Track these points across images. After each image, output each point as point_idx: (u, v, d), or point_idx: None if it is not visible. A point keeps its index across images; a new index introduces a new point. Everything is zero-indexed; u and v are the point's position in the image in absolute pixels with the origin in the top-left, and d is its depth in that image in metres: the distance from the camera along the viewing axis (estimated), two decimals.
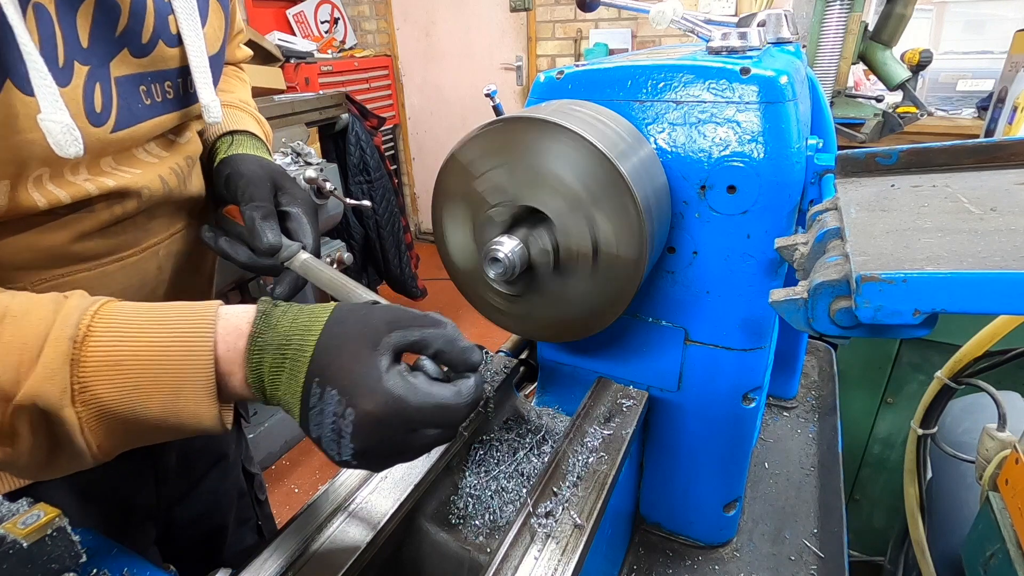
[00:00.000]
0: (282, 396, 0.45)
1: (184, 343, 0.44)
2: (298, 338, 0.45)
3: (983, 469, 0.62)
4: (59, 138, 0.47)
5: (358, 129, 3.39)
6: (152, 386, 0.43)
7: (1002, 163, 0.47)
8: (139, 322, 0.44)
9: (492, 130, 0.53)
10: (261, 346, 0.45)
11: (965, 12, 3.05)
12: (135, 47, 0.56)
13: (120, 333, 0.43)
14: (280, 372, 0.44)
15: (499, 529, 0.60)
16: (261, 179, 0.68)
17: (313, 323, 0.45)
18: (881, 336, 0.37)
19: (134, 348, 0.43)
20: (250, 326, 0.45)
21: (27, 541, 0.32)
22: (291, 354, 0.44)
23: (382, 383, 0.42)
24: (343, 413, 0.42)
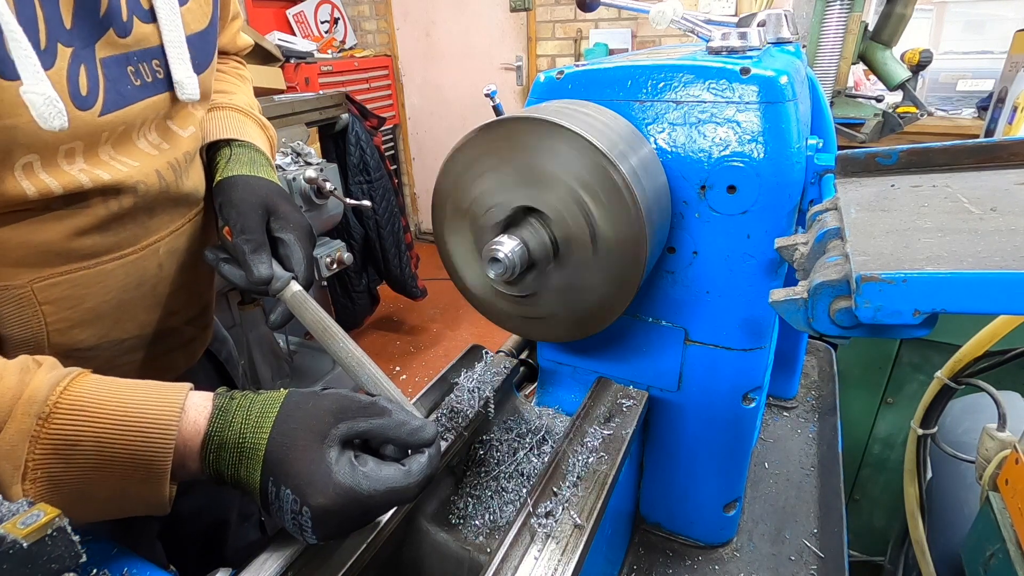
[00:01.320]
0: (244, 486, 0.47)
1: (146, 437, 0.44)
2: (251, 435, 0.46)
3: (983, 469, 0.62)
4: (42, 110, 0.46)
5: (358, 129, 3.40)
6: (107, 471, 0.43)
7: (1002, 163, 0.47)
8: (105, 404, 0.44)
9: (492, 130, 0.53)
10: (218, 444, 0.46)
11: (965, 12, 3.05)
12: (120, 27, 0.55)
13: (84, 414, 0.43)
14: (238, 468, 0.46)
15: (499, 529, 0.60)
16: (252, 207, 0.67)
17: (264, 419, 0.47)
18: (881, 336, 0.37)
19: (96, 431, 0.43)
20: (207, 424, 0.47)
21: (27, 541, 0.32)
22: (246, 453, 0.46)
23: (332, 477, 0.44)
24: (299, 511, 0.44)
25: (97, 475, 0.43)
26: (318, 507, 0.43)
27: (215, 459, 0.46)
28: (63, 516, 0.34)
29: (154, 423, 0.44)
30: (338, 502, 0.43)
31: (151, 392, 0.46)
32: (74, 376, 0.44)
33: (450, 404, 0.65)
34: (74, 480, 0.42)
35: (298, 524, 0.44)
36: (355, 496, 0.44)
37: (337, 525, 0.45)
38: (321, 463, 0.44)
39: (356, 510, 0.44)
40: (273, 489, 0.45)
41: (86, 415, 0.43)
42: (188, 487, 0.80)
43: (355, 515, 0.45)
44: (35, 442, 0.41)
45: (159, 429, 0.44)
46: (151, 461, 0.44)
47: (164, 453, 0.44)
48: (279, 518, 0.46)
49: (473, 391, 0.65)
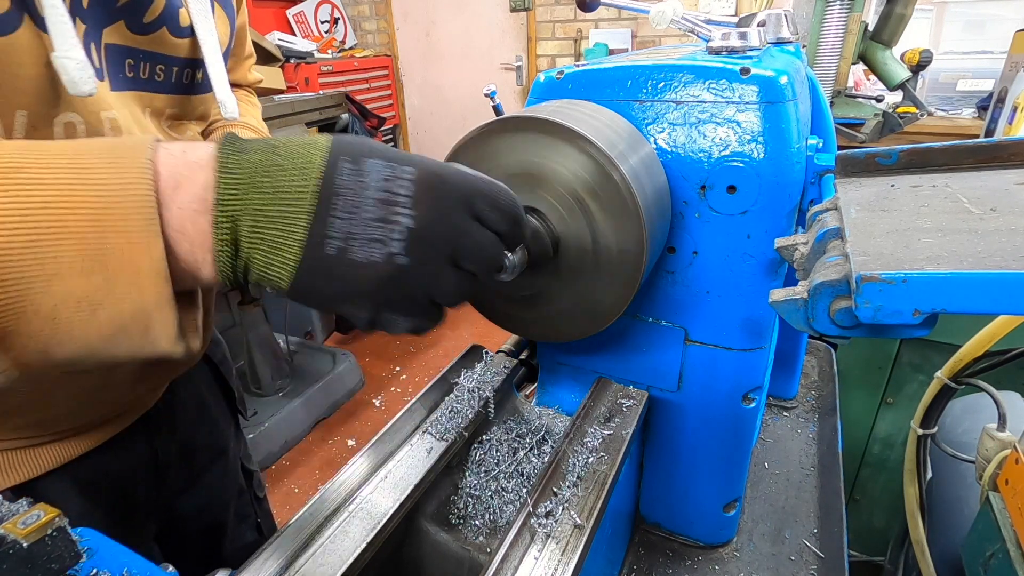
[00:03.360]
0: (276, 199, 0.33)
1: (111, 147, 0.33)
2: (300, 140, 0.35)
3: (983, 469, 0.62)
4: (74, 75, 0.46)
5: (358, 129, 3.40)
6: (64, 202, 0.30)
7: (1002, 163, 0.47)
8: (59, 143, 0.33)
9: (492, 130, 0.53)
10: (240, 148, 0.34)
11: (965, 12, 3.05)
12: (133, 23, 0.56)
13: (31, 144, 0.33)
14: (276, 171, 0.33)
15: (499, 529, 0.60)
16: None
17: (317, 136, 0.36)
18: (881, 336, 0.37)
19: (44, 156, 0.31)
20: (214, 145, 0.35)
21: (27, 541, 0.32)
22: (295, 148, 0.34)
23: (429, 158, 0.36)
24: (396, 174, 0.34)
25: (55, 213, 0.30)
26: (425, 171, 0.35)
27: (236, 163, 0.33)
28: (63, 516, 0.34)
29: (123, 141, 0.34)
30: (446, 168, 0.36)
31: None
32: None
33: (450, 404, 0.65)
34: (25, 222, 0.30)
35: (387, 197, 0.34)
36: (462, 172, 0.37)
37: (439, 208, 0.35)
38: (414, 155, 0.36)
39: (464, 187, 0.36)
40: (349, 166, 0.34)
41: (32, 145, 0.33)
42: (185, 488, 0.82)
43: (458, 202, 0.36)
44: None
45: (131, 141, 0.33)
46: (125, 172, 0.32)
47: (140, 157, 0.32)
48: (348, 212, 0.33)
49: (473, 391, 0.65)
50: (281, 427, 2.41)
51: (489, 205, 0.38)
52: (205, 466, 0.84)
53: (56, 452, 0.61)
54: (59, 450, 0.61)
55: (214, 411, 0.86)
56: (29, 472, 0.59)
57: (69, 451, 0.62)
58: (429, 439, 0.61)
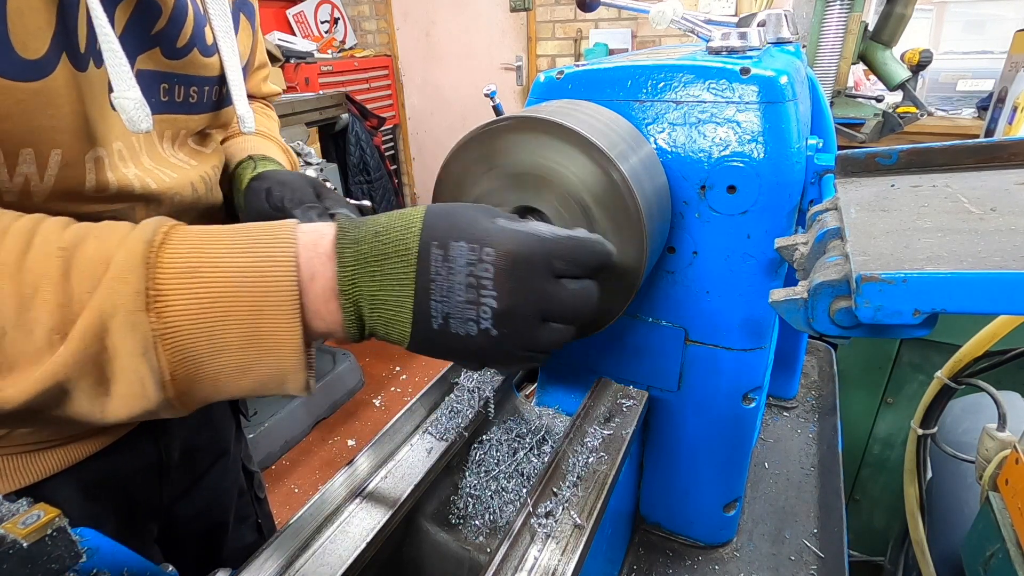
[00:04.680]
0: (387, 285, 0.40)
1: (264, 244, 0.40)
2: (399, 222, 0.40)
3: (983, 469, 0.62)
4: (132, 114, 0.48)
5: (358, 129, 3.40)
6: (229, 298, 0.38)
7: (1002, 163, 0.47)
8: (216, 232, 0.41)
9: (492, 130, 0.53)
10: (353, 239, 0.41)
11: (965, 12, 3.05)
12: (167, 48, 0.57)
13: (198, 241, 0.40)
14: (383, 260, 0.40)
15: (499, 529, 0.60)
16: (304, 185, 0.69)
17: (412, 212, 0.41)
18: (881, 336, 0.37)
19: (212, 253, 0.39)
20: (334, 227, 0.42)
21: (27, 541, 0.32)
22: (395, 235, 0.40)
23: (509, 226, 0.40)
24: (479, 257, 0.38)
25: (224, 306, 0.38)
26: (503, 250, 0.38)
27: (352, 255, 0.40)
28: (63, 516, 0.34)
29: (272, 233, 0.40)
30: (523, 246, 0.39)
31: (259, 223, 0.42)
32: (177, 222, 0.42)
33: (450, 404, 0.65)
34: (202, 314, 0.38)
35: (474, 281, 0.38)
36: (540, 238, 0.40)
37: (520, 285, 0.39)
38: (491, 220, 0.40)
39: (542, 259, 0.40)
40: (439, 252, 0.39)
41: (199, 242, 0.40)
42: (187, 490, 0.82)
43: (541, 270, 0.40)
44: (151, 268, 0.37)
45: (278, 234, 0.40)
46: (275, 269, 0.39)
47: (286, 255, 0.39)
48: (443, 296, 0.39)
49: (473, 391, 0.65)
50: (281, 427, 2.41)
51: (568, 263, 0.41)
52: (207, 467, 0.84)
53: (61, 456, 0.61)
54: (64, 454, 0.61)
55: (216, 413, 0.86)
56: (34, 476, 0.59)
57: (74, 455, 0.62)
58: (429, 439, 0.61)
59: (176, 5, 0.56)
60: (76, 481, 0.63)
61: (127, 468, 0.68)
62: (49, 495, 0.60)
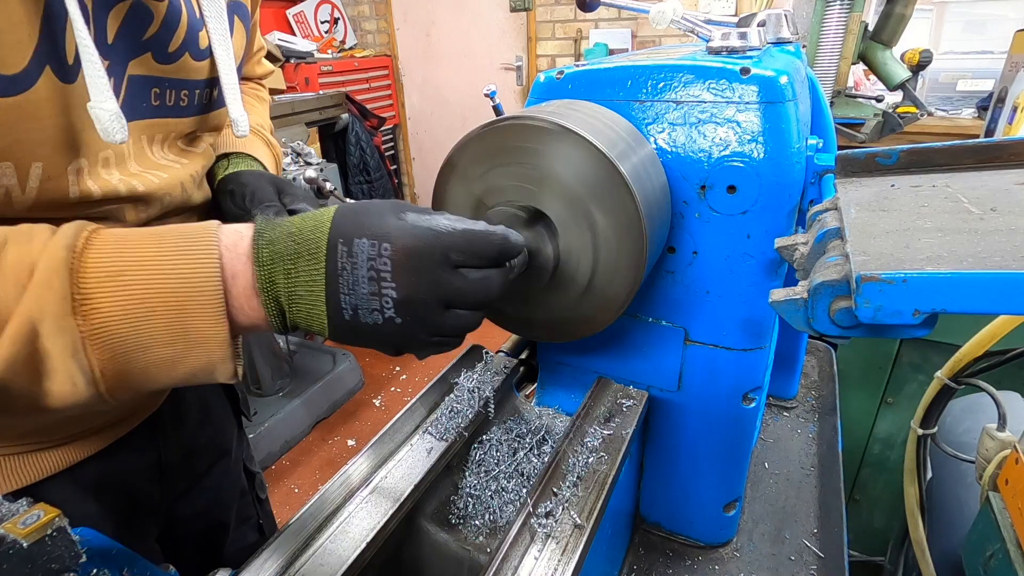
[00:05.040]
0: (300, 281, 0.42)
1: (187, 246, 0.42)
2: (311, 222, 0.43)
3: (983, 469, 0.62)
4: (107, 125, 0.48)
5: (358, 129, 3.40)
6: (156, 298, 0.40)
7: (1002, 163, 0.47)
8: (138, 236, 0.42)
9: (492, 130, 0.53)
10: (269, 239, 0.43)
11: (965, 12, 3.05)
12: (160, 53, 0.57)
13: (120, 245, 0.41)
14: (296, 258, 0.42)
15: (499, 529, 0.60)
16: (264, 184, 0.71)
17: (323, 212, 0.44)
18: (881, 336, 0.37)
19: (136, 257, 0.40)
20: (251, 228, 0.44)
21: (27, 541, 0.32)
22: (306, 235, 0.42)
23: (409, 222, 0.42)
24: (379, 252, 0.41)
25: (150, 307, 0.40)
26: (399, 245, 0.41)
27: (268, 256, 0.42)
28: (63, 516, 0.34)
29: (193, 236, 0.42)
30: (419, 241, 0.41)
31: (180, 225, 0.44)
32: (99, 226, 0.43)
33: (450, 404, 0.65)
34: (126, 315, 0.40)
35: (375, 275, 0.41)
36: (435, 232, 0.42)
37: (418, 276, 0.42)
38: (396, 216, 0.43)
39: (438, 252, 0.42)
40: (344, 248, 0.42)
41: (122, 245, 0.41)
42: (187, 490, 0.82)
43: (437, 262, 0.42)
44: (75, 273, 0.38)
45: (199, 237, 0.42)
46: (199, 272, 0.41)
47: (209, 257, 0.41)
48: (350, 289, 0.42)
49: (473, 391, 0.65)
50: (281, 427, 2.41)
51: (464, 254, 0.44)
52: (208, 468, 0.84)
53: (61, 456, 0.61)
54: (64, 454, 0.61)
55: (217, 413, 0.86)
56: (33, 476, 0.59)
57: (74, 455, 0.62)
58: (429, 439, 0.61)
59: (169, 10, 0.56)
60: (76, 481, 0.62)
61: (126, 468, 0.68)
62: (49, 495, 0.60)
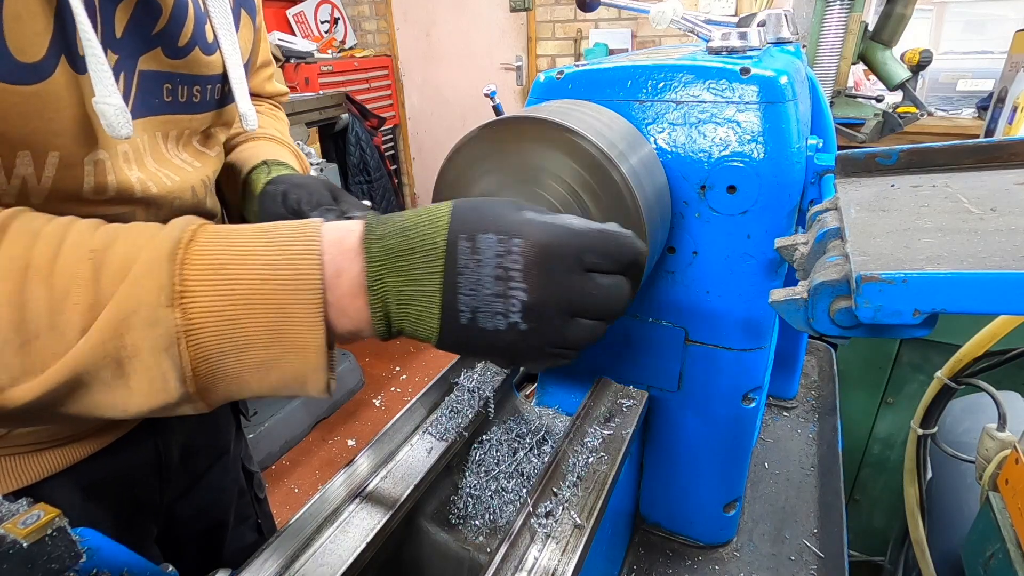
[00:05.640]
0: (414, 279, 0.39)
1: (289, 240, 0.40)
2: (425, 216, 0.40)
3: (983, 469, 0.62)
4: (112, 120, 0.47)
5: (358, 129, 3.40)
6: (255, 294, 0.38)
7: (1002, 163, 0.47)
8: (242, 231, 0.41)
9: (492, 130, 0.53)
10: (380, 234, 0.40)
11: (965, 12, 3.05)
12: (169, 48, 0.57)
13: (225, 238, 0.40)
14: (409, 254, 0.39)
15: (499, 529, 0.60)
16: (321, 188, 0.69)
17: (439, 207, 0.41)
18: (881, 336, 0.37)
19: (238, 251, 0.39)
20: (361, 224, 0.42)
21: (27, 541, 0.32)
22: (422, 229, 0.39)
23: (538, 217, 0.40)
24: (508, 248, 0.38)
25: (248, 303, 0.38)
26: (531, 241, 0.38)
27: (379, 251, 0.40)
28: (63, 516, 0.34)
29: (296, 231, 0.40)
30: (552, 237, 0.38)
31: (284, 222, 0.42)
32: (203, 221, 0.42)
33: (450, 404, 0.65)
34: (227, 311, 0.38)
35: (503, 273, 0.38)
36: (569, 229, 0.39)
37: (549, 277, 0.39)
38: (521, 211, 0.40)
39: (571, 252, 0.39)
40: (467, 245, 0.38)
41: (226, 240, 0.40)
42: (187, 490, 0.81)
43: (570, 263, 0.39)
44: (178, 264, 0.37)
45: (302, 233, 0.40)
46: (298, 269, 0.39)
47: (310, 254, 0.39)
48: (472, 289, 0.39)
49: (473, 391, 0.65)
50: (281, 427, 2.41)
51: (600, 256, 0.41)
52: (206, 467, 0.84)
53: (61, 456, 0.60)
54: (63, 454, 0.61)
55: (216, 412, 0.86)
56: (33, 476, 0.59)
57: (74, 455, 0.62)
58: (429, 439, 0.61)
59: (176, 4, 0.55)
60: (76, 481, 0.62)
61: (127, 468, 0.68)
62: (49, 495, 0.60)
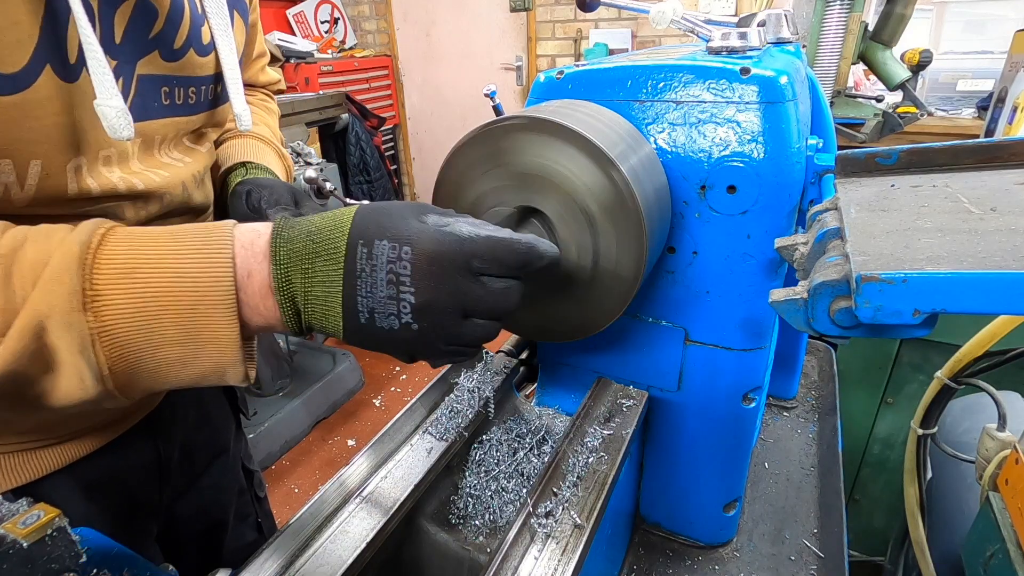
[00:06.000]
0: (317, 281, 0.42)
1: (201, 244, 0.41)
2: (330, 222, 0.42)
3: (983, 469, 0.62)
4: (114, 122, 0.48)
5: (358, 129, 3.40)
6: (167, 297, 0.39)
7: (1002, 163, 0.47)
8: (152, 234, 0.42)
9: (491, 130, 0.53)
10: (287, 239, 0.42)
11: (965, 12, 3.05)
12: (166, 51, 0.57)
13: (134, 242, 0.41)
14: (314, 257, 0.42)
15: (499, 529, 0.60)
16: (283, 189, 0.71)
17: (343, 212, 0.43)
18: (881, 336, 0.37)
19: (148, 255, 0.40)
20: (269, 228, 0.43)
21: (27, 541, 0.32)
22: (325, 234, 0.42)
23: (431, 226, 0.42)
24: (399, 255, 0.41)
25: (161, 305, 0.39)
26: (420, 249, 0.40)
27: (285, 255, 0.42)
28: (63, 516, 0.34)
29: (208, 234, 0.41)
30: (440, 246, 0.41)
31: (196, 224, 0.43)
32: (116, 224, 0.42)
33: (450, 404, 0.65)
34: (139, 313, 0.39)
35: (394, 278, 0.40)
36: (458, 238, 0.41)
37: (438, 281, 0.41)
38: (418, 219, 0.42)
39: (460, 258, 0.41)
40: (364, 250, 0.41)
41: (136, 242, 0.40)
42: (186, 489, 0.82)
43: (459, 268, 0.41)
44: (88, 268, 0.38)
45: (214, 235, 0.41)
46: (211, 271, 0.40)
47: (222, 256, 0.41)
48: (368, 292, 0.41)
49: (473, 391, 0.65)
50: (281, 427, 2.41)
51: (489, 262, 0.43)
52: (206, 466, 0.84)
53: (60, 454, 0.61)
54: (63, 452, 0.61)
55: (215, 411, 0.86)
56: (33, 474, 0.59)
57: (73, 453, 0.62)
58: (429, 439, 0.61)
59: (172, 6, 0.56)
60: (75, 479, 0.62)
61: (126, 466, 0.68)
62: (48, 493, 0.60)
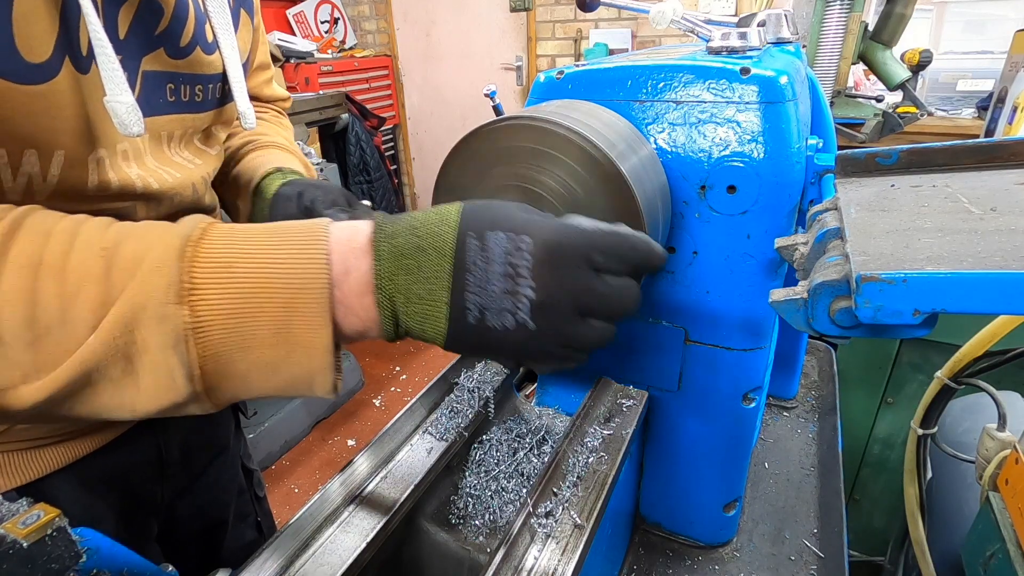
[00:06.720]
0: (422, 277, 0.39)
1: (296, 239, 0.40)
2: (434, 216, 0.40)
3: (983, 469, 0.62)
4: (124, 118, 0.48)
5: (358, 129, 3.40)
6: (263, 294, 0.38)
7: (1002, 163, 0.47)
8: (251, 229, 0.41)
9: (491, 131, 0.53)
10: (389, 233, 0.40)
11: (965, 12, 3.05)
12: (171, 48, 0.57)
13: (233, 236, 0.40)
14: (418, 253, 0.39)
15: (499, 529, 0.60)
16: (336, 191, 0.70)
17: (448, 207, 0.41)
18: (881, 336, 0.37)
19: (246, 249, 0.39)
20: (370, 223, 0.42)
21: (27, 541, 0.32)
22: (431, 228, 0.40)
23: (548, 218, 0.40)
24: (517, 246, 0.38)
25: (256, 303, 0.38)
26: (541, 240, 0.38)
27: (387, 250, 0.40)
28: (63, 516, 0.34)
29: (303, 229, 0.40)
30: (562, 236, 0.39)
31: (292, 222, 0.42)
32: (212, 219, 0.42)
33: (450, 404, 0.65)
34: (235, 309, 0.38)
35: (511, 271, 0.38)
36: (580, 230, 0.39)
37: (559, 276, 0.39)
38: (530, 213, 0.40)
39: (582, 251, 0.39)
40: (476, 243, 0.39)
41: (235, 238, 0.40)
42: (186, 488, 0.82)
43: (580, 262, 0.39)
44: (187, 261, 0.38)
45: (309, 231, 0.40)
46: (305, 267, 0.39)
47: (317, 252, 0.39)
48: (479, 287, 0.39)
49: (473, 391, 0.65)
50: (281, 427, 2.41)
51: (608, 257, 0.41)
52: (206, 465, 0.84)
53: (61, 453, 0.61)
54: (63, 451, 0.61)
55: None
56: (34, 472, 0.59)
57: (74, 451, 0.62)
58: (429, 439, 0.61)
59: (177, 4, 0.56)
60: (76, 478, 0.63)
61: (127, 465, 0.68)
62: (49, 492, 0.60)
